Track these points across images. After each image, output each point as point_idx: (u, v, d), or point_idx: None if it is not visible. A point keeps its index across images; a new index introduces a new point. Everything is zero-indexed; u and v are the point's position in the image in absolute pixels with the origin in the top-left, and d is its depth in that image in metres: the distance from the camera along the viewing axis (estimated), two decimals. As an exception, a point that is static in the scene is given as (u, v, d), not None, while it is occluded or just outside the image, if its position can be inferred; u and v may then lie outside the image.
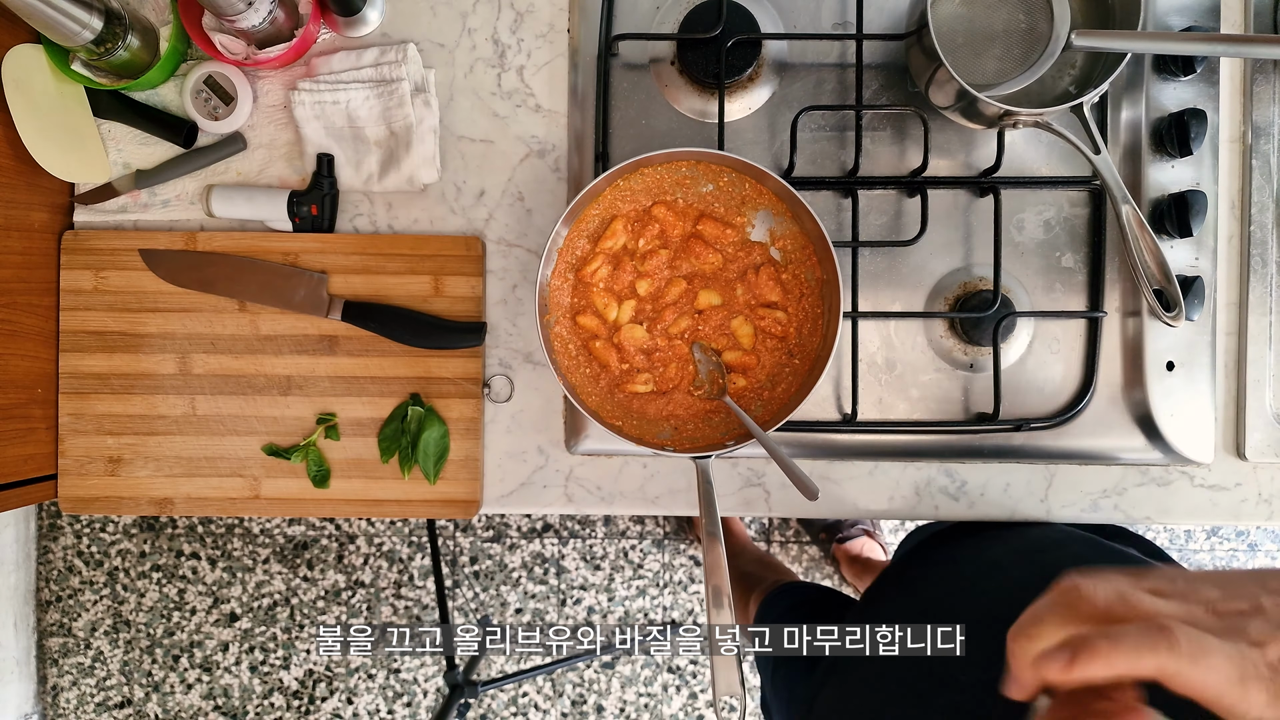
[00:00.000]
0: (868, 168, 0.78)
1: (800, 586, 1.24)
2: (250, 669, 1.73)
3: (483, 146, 0.80)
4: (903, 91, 0.79)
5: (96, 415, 0.79)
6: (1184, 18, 0.77)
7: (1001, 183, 0.77)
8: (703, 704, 1.71)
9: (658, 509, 0.81)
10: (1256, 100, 0.78)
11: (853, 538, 1.63)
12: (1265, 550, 1.69)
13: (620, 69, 0.79)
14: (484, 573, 1.71)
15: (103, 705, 1.74)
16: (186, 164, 0.79)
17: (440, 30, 0.80)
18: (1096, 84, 0.68)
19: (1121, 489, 0.79)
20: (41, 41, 0.73)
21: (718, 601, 0.59)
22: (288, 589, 1.72)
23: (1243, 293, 0.78)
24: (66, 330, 0.79)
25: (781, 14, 0.79)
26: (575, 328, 0.74)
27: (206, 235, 0.79)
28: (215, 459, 0.79)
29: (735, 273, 0.74)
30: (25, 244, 0.76)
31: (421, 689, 1.73)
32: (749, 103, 0.79)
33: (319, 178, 0.78)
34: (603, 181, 0.71)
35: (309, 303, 0.78)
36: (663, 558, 1.71)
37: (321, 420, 0.79)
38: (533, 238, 0.80)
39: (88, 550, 1.73)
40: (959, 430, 0.78)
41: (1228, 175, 0.78)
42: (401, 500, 0.80)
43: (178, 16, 0.75)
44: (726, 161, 0.71)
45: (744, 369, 0.74)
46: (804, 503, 0.67)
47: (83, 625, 1.73)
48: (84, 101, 0.77)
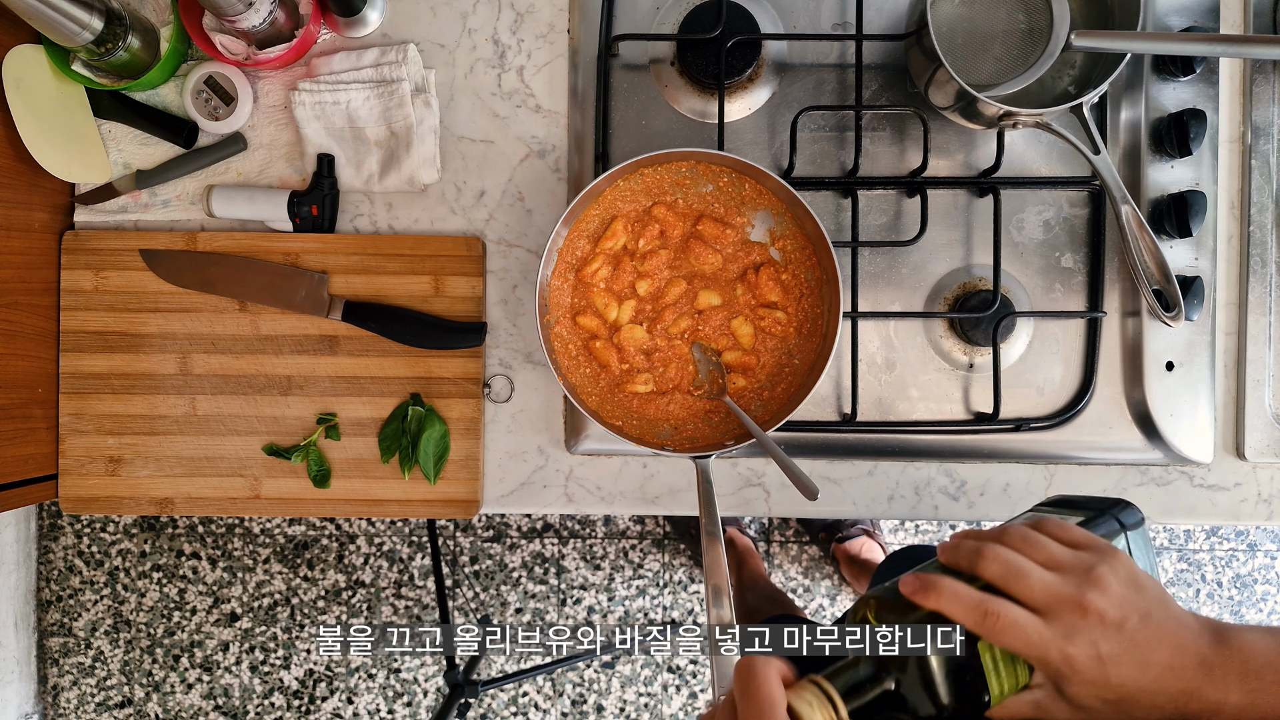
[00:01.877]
0: (867, 168, 0.78)
1: (788, 619, 1.22)
2: (250, 669, 1.73)
3: (483, 147, 0.80)
4: (902, 92, 0.79)
5: (97, 415, 0.79)
6: (1184, 18, 0.77)
7: (1001, 183, 0.77)
8: (703, 704, 1.71)
9: (658, 509, 0.81)
10: (1256, 100, 0.78)
11: (852, 537, 1.62)
12: (1265, 550, 1.69)
13: (620, 69, 0.79)
14: (484, 572, 1.71)
15: (103, 705, 1.74)
16: (187, 164, 0.79)
17: (440, 31, 0.80)
18: (1096, 84, 0.68)
19: (1121, 489, 0.80)
20: (42, 42, 0.73)
21: (718, 601, 0.59)
22: (288, 589, 1.72)
23: (1242, 293, 0.78)
24: (67, 330, 0.79)
25: (781, 14, 0.79)
26: (575, 328, 0.74)
27: (207, 235, 0.79)
28: (215, 459, 0.79)
29: (735, 273, 0.74)
30: (26, 244, 0.76)
31: (421, 689, 1.73)
32: (749, 103, 0.79)
33: (319, 178, 0.78)
34: (603, 182, 0.71)
35: (309, 303, 0.78)
36: (663, 558, 1.71)
37: (322, 420, 0.79)
38: (533, 238, 0.80)
39: (88, 550, 1.73)
40: (959, 430, 0.79)
41: (1227, 175, 0.78)
42: (402, 500, 0.80)
43: (178, 17, 0.75)
44: (726, 162, 0.71)
45: (744, 369, 0.74)
46: (804, 503, 0.67)
47: (83, 625, 1.73)
48: (84, 102, 0.78)
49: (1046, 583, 0.46)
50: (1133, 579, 0.46)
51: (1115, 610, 0.45)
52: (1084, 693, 0.45)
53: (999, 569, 0.47)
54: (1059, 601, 0.45)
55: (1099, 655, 0.44)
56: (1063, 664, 0.44)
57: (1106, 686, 0.45)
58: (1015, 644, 0.45)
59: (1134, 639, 0.45)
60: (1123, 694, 0.45)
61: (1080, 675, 0.44)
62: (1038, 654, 0.45)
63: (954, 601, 0.46)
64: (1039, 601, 0.46)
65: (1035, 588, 0.46)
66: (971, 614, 0.46)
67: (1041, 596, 0.46)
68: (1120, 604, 0.45)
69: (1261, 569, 1.69)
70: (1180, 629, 0.45)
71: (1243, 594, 1.69)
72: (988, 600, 0.46)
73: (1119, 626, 0.45)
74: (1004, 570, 0.47)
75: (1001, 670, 0.46)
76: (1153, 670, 0.44)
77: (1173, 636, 0.45)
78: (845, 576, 1.67)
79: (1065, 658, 0.44)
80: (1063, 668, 0.44)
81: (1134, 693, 0.44)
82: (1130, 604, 0.45)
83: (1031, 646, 0.45)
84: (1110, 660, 0.44)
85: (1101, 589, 0.45)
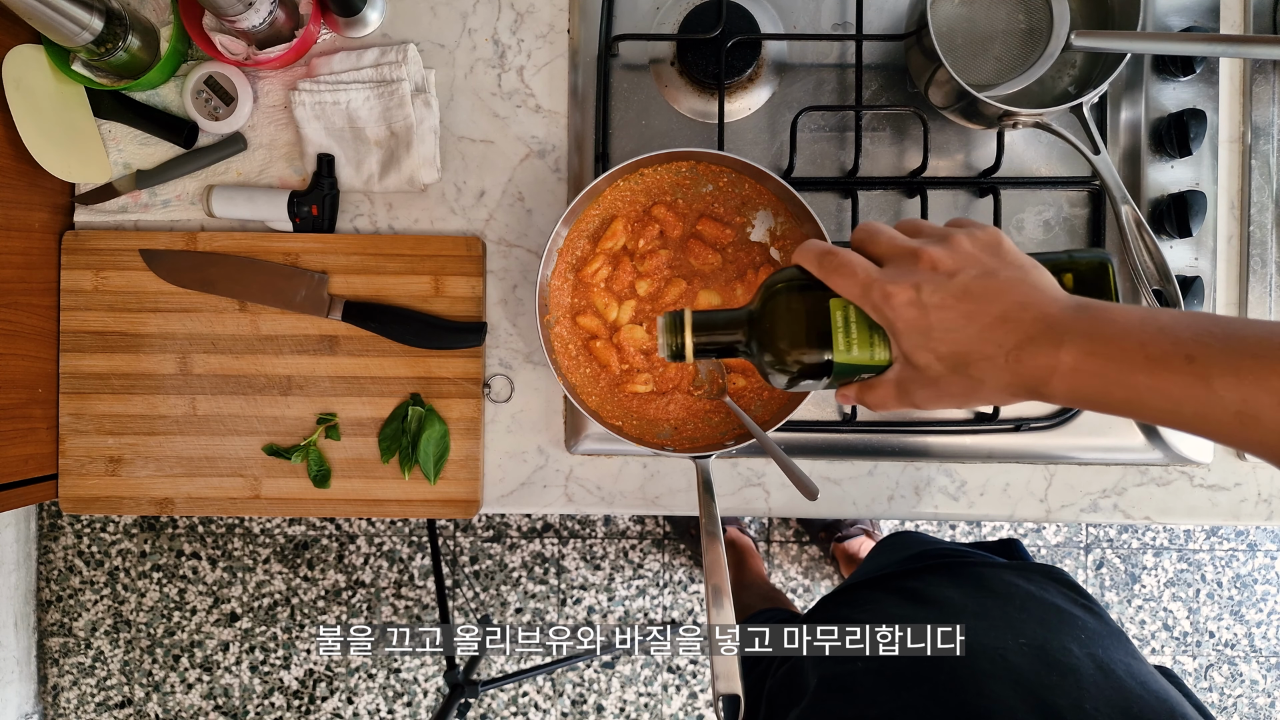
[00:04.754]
0: (867, 168, 0.78)
1: (776, 612, 1.21)
2: (250, 669, 1.73)
3: (483, 147, 0.80)
4: (902, 92, 0.79)
5: (97, 415, 0.79)
6: (1184, 18, 0.77)
7: (1001, 183, 0.77)
8: (703, 704, 1.71)
9: (658, 509, 0.81)
10: (1256, 100, 0.78)
11: (852, 537, 1.63)
12: (1265, 550, 1.69)
13: (620, 69, 0.79)
14: (484, 572, 1.71)
15: (103, 705, 1.74)
16: (187, 164, 0.79)
17: (440, 31, 0.80)
18: (1096, 84, 0.68)
19: (1121, 489, 0.80)
20: (42, 42, 0.73)
21: (718, 601, 0.59)
22: (288, 589, 1.72)
23: (1242, 293, 0.78)
24: (67, 330, 0.79)
25: (781, 14, 0.79)
26: (575, 328, 0.74)
27: (207, 235, 0.79)
28: (215, 459, 0.79)
29: (735, 273, 0.74)
30: (26, 244, 0.76)
31: (421, 689, 1.73)
32: (749, 103, 0.79)
33: (319, 178, 0.78)
34: (603, 182, 0.71)
35: (309, 303, 0.78)
36: (663, 558, 1.71)
37: (322, 420, 0.79)
38: (533, 238, 0.80)
39: (88, 550, 1.73)
40: (958, 430, 0.79)
41: (1227, 175, 0.78)
42: (402, 500, 0.80)
43: (178, 17, 0.75)
44: (726, 162, 0.71)
45: (744, 369, 0.74)
46: (804, 503, 0.67)
47: (83, 625, 1.73)
48: (84, 102, 0.78)
49: (894, 239, 0.46)
50: (993, 246, 0.45)
51: (950, 261, 0.44)
52: (912, 345, 0.44)
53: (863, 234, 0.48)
54: (898, 252, 0.45)
55: (920, 300, 0.43)
56: (882, 303, 0.44)
57: (929, 335, 0.43)
58: (843, 284, 0.45)
59: (965, 288, 0.43)
60: (953, 348, 0.43)
61: (900, 317, 0.43)
62: (860, 293, 0.45)
63: (803, 253, 0.48)
64: (882, 254, 0.46)
65: (882, 243, 0.46)
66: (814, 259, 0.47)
67: (886, 250, 0.46)
68: (961, 258, 0.44)
69: (1261, 569, 1.69)
70: (1033, 290, 0.42)
71: (1243, 594, 1.69)
72: (832, 248, 0.47)
73: (950, 275, 0.43)
74: (866, 234, 0.48)
75: (853, 333, 0.46)
76: (981, 320, 0.42)
77: (1017, 293, 0.42)
78: (845, 576, 1.67)
79: (885, 295, 0.43)
80: (884, 309, 0.44)
81: (964, 347, 0.42)
82: (974, 260, 0.44)
83: (856, 285, 0.45)
84: (933, 306, 0.43)
85: (948, 246, 0.44)
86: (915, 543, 0.87)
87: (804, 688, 0.63)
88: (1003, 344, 0.41)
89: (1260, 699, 1.71)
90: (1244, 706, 1.71)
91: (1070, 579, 0.71)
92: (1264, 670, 1.70)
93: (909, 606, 0.68)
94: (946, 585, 0.70)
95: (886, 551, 0.88)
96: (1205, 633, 1.70)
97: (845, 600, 0.76)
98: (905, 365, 0.45)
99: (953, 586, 0.69)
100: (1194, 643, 1.70)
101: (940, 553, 0.80)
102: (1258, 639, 1.70)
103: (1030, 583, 0.69)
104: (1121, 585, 1.70)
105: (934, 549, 0.82)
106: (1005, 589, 0.68)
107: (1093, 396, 0.40)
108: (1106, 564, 1.71)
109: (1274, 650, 1.70)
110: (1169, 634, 1.70)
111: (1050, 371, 0.40)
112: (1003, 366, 0.42)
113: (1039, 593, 0.67)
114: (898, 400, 0.46)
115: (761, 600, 1.43)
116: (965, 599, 0.67)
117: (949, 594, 0.68)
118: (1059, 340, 0.40)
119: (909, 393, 0.46)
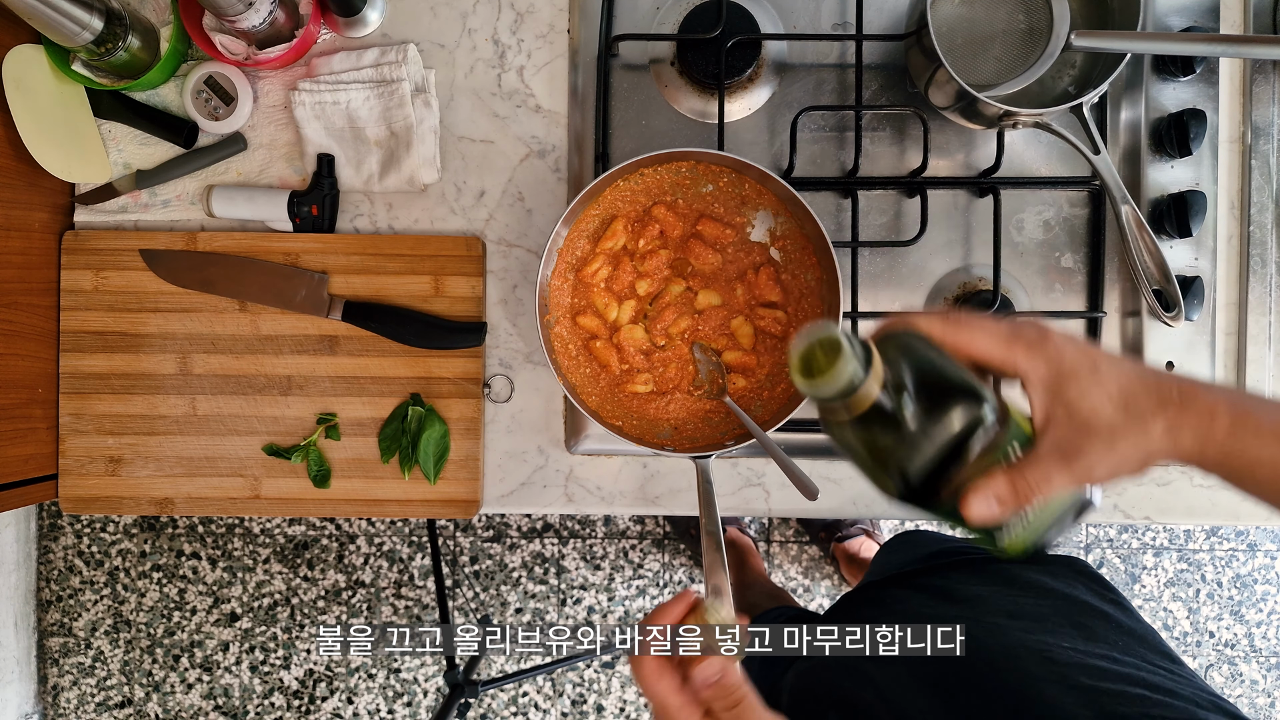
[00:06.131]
0: (867, 168, 0.78)
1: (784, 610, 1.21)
2: (250, 669, 1.73)
3: (483, 147, 0.80)
4: (902, 92, 0.79)
5: (97, 415, 0.79)
6: (1184, 18, 0.77)
7: (1001, 183, 0.77)
8: (703, 704, 1.71)
9: (658, 509, 0.81)
10: (1256, 100, 0.78)
11: (852, 537, 1.62)
12: (1265, 550, 1.69)
13: (620, 69, 0.79)
14: (484, 572, 1.71)
15: (103, 705, 1.74)
16: (187, 164, 0.79)
17: (440, 31, 0.80)
18: (1096, 84, 0.68)
19: (1121, 489, 0.80)
20: (42, 42, 0.73)
21: (718, 601, 0.58)
22: (288, 589, 1.72)
23: (1242, 293, 0.78)
24: (67, 330, 0.79)
25: (781, 14, 0.79)
26: (575, 328, 0.74)
27: (207, 235, 0.79)
28: (215, 459, 0.79)
29: (735, 273, 0.74)
30: (26, 244, 0.76)
31: (421, 689, 1.73)
32: (749, 103, 0.79)
33: (319, 178, 0.78)
34: (603, 182, 0.71)
35: (309, 303, 0.78)
36: (663, 558, 1.71)
37: (322, 420, 0.79)
38: (533, 238, 0.80)
39: (88, 550, 1.73)
40: (959, 430, 0.78)
41: (1227, 175, 0.78)
42: (402, 500, 0.80)
43: (178, 17, 0.75)
44: (726, 162, 0.71)
45: (744, 369, 0.74)
46: (804, 503, 0.67)
47: (83, 625, 1.73)
48: (84, 102, 0.78)
49: (988, 318, 0.45)
50: None
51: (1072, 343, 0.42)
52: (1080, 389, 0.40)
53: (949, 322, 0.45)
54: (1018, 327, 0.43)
55: (1075, 341, 0.42)
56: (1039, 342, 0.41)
57: (1097, 370, 0.40)
58: (979, 341, 0.42)
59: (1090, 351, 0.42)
60: (1124, 384, 0.40)
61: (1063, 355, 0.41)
62: (1005, 340, 0.42)
63: (924, 319, 0.44)
64: (1001, 329, 0.44)
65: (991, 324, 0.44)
66: (937, 324, 0.43)
67: (1004, 326, 0.44)
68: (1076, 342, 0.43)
69: (1261, 569, 1.69)
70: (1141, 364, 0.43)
71: (1243, 594, 1.69)
72: (953, 311, 0.44)
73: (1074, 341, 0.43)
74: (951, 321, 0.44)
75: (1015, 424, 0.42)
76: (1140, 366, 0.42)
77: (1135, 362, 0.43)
78: (845, 576, 1.67)
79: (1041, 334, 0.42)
80: (1043, 347, 0.41)
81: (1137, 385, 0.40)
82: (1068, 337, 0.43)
83: (997, 335, 0.42)
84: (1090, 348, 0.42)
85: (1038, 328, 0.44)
86: (930, 540, 0.87)
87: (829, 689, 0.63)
88: (1165, 394, 0.40)
89: (1260, 699, 1.70)
90: (1244, 706, 1.71)
91: (1092, 570, 0.71)
92: (1264, 670, 1.70)
93: (940, 604, 0.68)
94: (974, 582, 0.70)
95: (901, 550, 0.88)
96: (1205, 633, 1.70)
97: (868, 599, 0.76)
98: (1067, 422, 0.41)
99: (980, 583, 0.69)
100: (1194, 643, 1.70)
101: (960, 549, 0.80)
102: (1258, 639, 1.70)
103: (1056, 579, 0.69)
104: (1121, 585, 1.70)
105: (952, 546, 0.82)
106: (1033, 585, 0.68)
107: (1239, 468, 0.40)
108: (1106, 564, 1.71)
109: (1274, 650, 1.70)
110: (1169, 634, 1.70)
111: (1209, 426, 0.40)
112: (1177, 410, 0.40)
113: (1067, 589, 0.67)
114: (1065, 468, 0.41)
115: (768, 599, 1.43)
116: (995, 596, 0.67)
117: (978, 590, 0.68)
118: (1213, 403, 0.40)
119: (1081, 452, 0.40)
